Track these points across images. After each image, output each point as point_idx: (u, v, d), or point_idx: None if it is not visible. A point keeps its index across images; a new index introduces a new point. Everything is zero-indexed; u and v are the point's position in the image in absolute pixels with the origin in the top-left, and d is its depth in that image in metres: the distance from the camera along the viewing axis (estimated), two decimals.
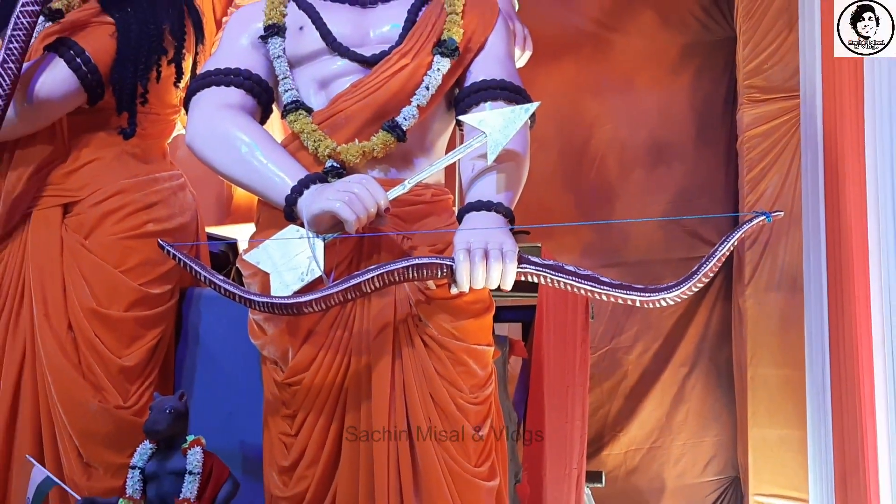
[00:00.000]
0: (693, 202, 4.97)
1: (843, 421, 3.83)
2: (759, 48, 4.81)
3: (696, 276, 2.15)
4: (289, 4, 2.64)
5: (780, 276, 4.65)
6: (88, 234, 2.67)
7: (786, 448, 4.52)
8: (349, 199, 2.23)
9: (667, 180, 5.06)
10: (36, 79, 2.60)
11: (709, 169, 5.05)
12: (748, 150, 4.81)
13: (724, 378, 4.94)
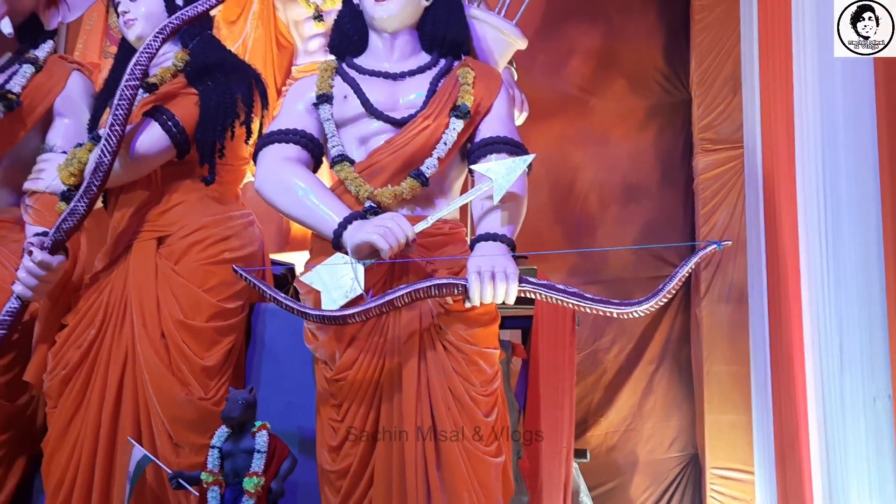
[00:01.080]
0: (658, 232, 4.97)
1: (781, 408, 3.81)
2: (709, 109, 4.82)
3: (661, 293, 2.16)
4: (335, 78, 2.65)
5: (730, 291, 4.64)
6: (177, 260, 2.66)
7: (735, 430, 4.49)
8: (384, 233, 2.26)
9: (637, 214, 5.06)
10: (136, 138, 2.60)
11: (671, 205, 5.05)
12: (702, 190, 4.81)
13: (684, 373, 4.92)
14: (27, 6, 2.79)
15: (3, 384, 2.64)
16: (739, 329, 4.53)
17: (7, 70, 2.76)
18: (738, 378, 4.50)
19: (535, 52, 4.51)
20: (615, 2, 5.26)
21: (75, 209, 2.51)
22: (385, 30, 2.65)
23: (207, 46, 2.84)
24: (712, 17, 4.88)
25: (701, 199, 4.80)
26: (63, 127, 2.82)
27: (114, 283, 2.66)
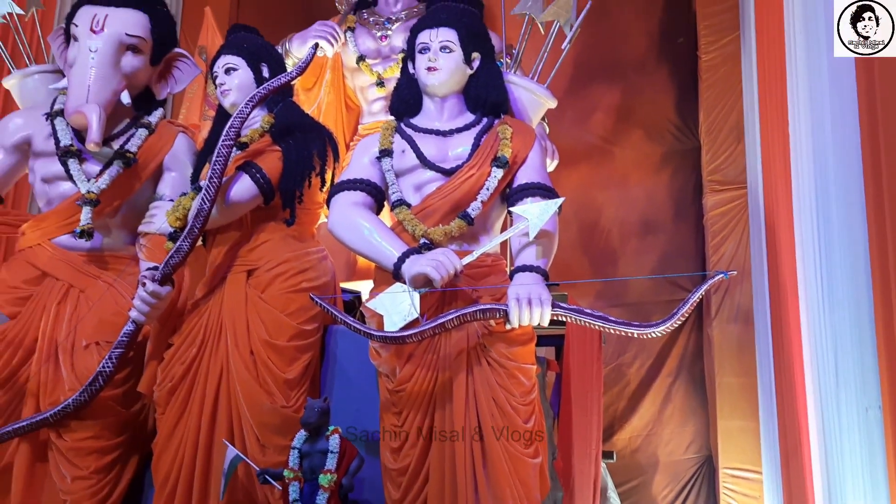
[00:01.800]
0: (673, 261, 4.90)
1: (784, 415, 3.72)
2: (716, 154, 4.76)
3: (676, 317, 2.15)
4: (395, 135, 2.68)
5: (737, 313, 4.54)
6: (264, 289, 2.67)
7: (744, 434, 4.38)
8: (436, 265, 2.28)
9: (654, 246, 5.00)
10: (231, 188, 2.64)
11: (683, 238, 4.97)
12: (711, 225, 4.74)
13: (698, 385, 4.81)
14: (142, 81, 2.84)
15: (121, 394, 2.66)
16: (746, 346, 4.44)
17: (126, 133, 2.81)
18: (746, 389, 4.40)
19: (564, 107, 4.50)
20: (632, 63, 5.24)
21: (180, 247, 2.55)
22: (436, 95, 2.68)
23: (289, 110, 2.88)
24: (717, 76, 4.83)
25: (710, 233, 4.73)
26: (171, 179, 2.85)
27: (211, 309, 2.68)
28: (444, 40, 2.64)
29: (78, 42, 2.70)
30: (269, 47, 3.01)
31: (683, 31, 5.10)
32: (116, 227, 2.82)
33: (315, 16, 4.23)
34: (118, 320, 2.61)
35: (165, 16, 2.89)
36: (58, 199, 2.76)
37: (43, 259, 2.72)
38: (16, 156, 2.81)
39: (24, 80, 3.08)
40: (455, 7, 2.75)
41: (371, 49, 3.96)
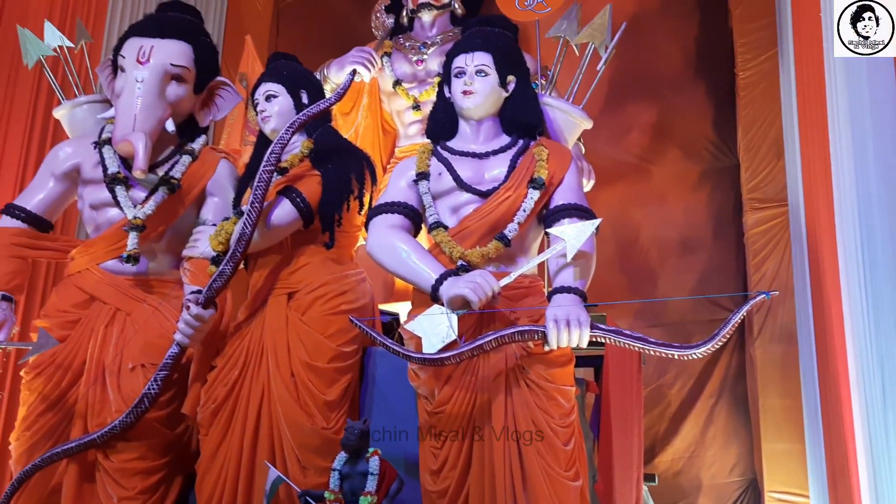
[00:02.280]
0: (713, 280, 4.82)
1: (831, 437, 3.63)
2: (756, 172, 4.70)
3: (717, 338, 2.12)
4: (431, 158, 2.71)
5: (780, 332, 4.45)
6: (304, 312, 2.70)
7: (790, 457, 4.27)
8: (474, 287, 2.29)
9: (693, 265, 4.93)
10: (272, 213, 2.67)
11: (724, 256, 4.89)
12: (752, 243, 4.66)
13: (741, 406, 4.71)
14: (186, 109, 2.91)
15: (165, 416, 2.70)
16: (790, 366, 4.34)
17: (171, 160, 2.87)
18: (790, 411, 4.30)
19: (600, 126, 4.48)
20: (668, 82, 5.21)
21: (223, 271, 2.60)
22: (472, 118, 2.71)
23: (327, 136, 2.92)
24: (755, 93, 4.78)
25: (751, 251, 4.65)
26: (213, 204, 2.89)
27: (253, 332, 2.71)
28: (480, 64, 2.67)
29: (125, 73, 2.78)
30: (308, 74, 3.07)
31: (719, 48, 5.06)
32: (161, 251, 2.87)
33: (352, 42, 4.30)
34: (163, 343, 2.66)
35: (208, 46, 2.96)
36: (105, 225, 2.83)
37: (91, 283, 2.78)
38: (65, 183, 2.89)
39: (73, 110, 3.17)
40: (490, 31, 2.78)
41: (407, 73, 4.01)
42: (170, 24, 2.87)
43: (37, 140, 3.92)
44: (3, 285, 2.71)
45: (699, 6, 5.21)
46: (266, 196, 2.62)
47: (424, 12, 4.08)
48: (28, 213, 2.84)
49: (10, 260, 2.76)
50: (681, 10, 5.23)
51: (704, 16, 5.19)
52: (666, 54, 5.19)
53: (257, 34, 5.51)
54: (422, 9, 4.06)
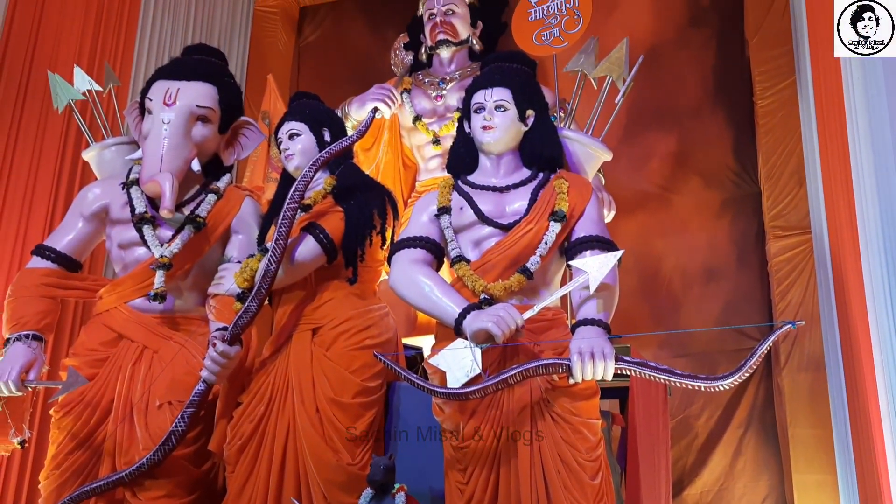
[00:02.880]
0: (738, 308, 4.76)
1: (863, 467, 3.56)
2: (778, 200, 4.66)
3: (744, 369, 2.11)
4: (452, 193, 2.73)
5: (808, 361, 4.37)
6: (328, 347, 2.71)
7: (822, 488, 4.17)
8: (497, 321, 2.28)
9: (717, 294, 4.87)
10: (296, 249, 2.70)
11: (748, 285, 4.83)
12: (776, 272, 4.61)
13: (770, 436, 4.62)
14: (212, 148, 2.97)
15: (192, 453, 2.71)
16: (819, 395, 4.26)
17: (196, 199, 2.93)
18: (821, 441, 4.22)
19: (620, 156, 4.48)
20: (686, 111, 5.22)
21: (248, 308, 2.62)
22: (492, 152, 2.73)
23: (349, 172, 2.96)
24: (775, 120, 4.77)
25: (775, 279, 4.60)
26: (238, 242, 2.93)
27: (278, 368, 2.73)
28: (499, 99, 2.70)
29: (152, 115, 2.85)
30: (330, 112, 3.12)
31: (738, 77, 5.07)
32: (188, 289, 2.90)
33: (372, 79, 4.37)
34: (190, 380, 2.68)
35: (233, 87, 3.03)
36: (133, 264, 2.87)
37: (119, 321, 2.82)
38: (94, 224, 2.95)
39: (101, 151, 3.23)
40: (508, 67, 2.81)
41: (427, 109, 4.07)
42: (195, 66, 2.94)
43: (65, 182, 4.01)
44: (33, 325, 2.75)
45: (716, 36, 5.24)
46: (290, 233, 2.65)
47: (443, 49, 4.14)
48: (58, 253, 2.89)
49: (40, 300, 2.80)
50: (698, 41, 5.26)
51: (721, 46, 5.21)
52: (684, 84, 5.21)
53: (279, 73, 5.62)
54: (440, 45, 4.13)
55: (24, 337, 2.72)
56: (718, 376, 2.14)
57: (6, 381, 2.61)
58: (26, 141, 3.98)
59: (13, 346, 2.70)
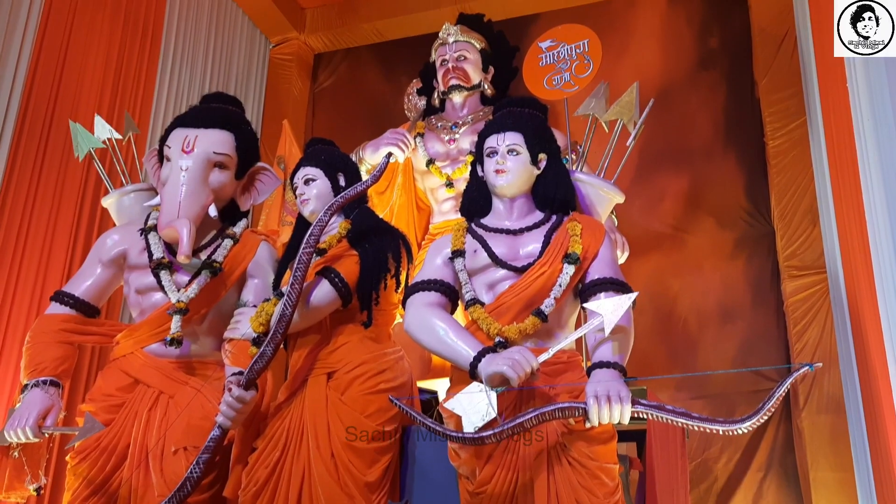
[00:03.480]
0: (754, 349, 4.73)
1: None
2: (792, 240, 4.66)
3: (761, 412, 2.08)
4: (466, 236, 2.74)
5: (827, 402, 4.31)
6: (343, 391, 2.70)
7: None
8: (512, 364, 2.27)
9: (733, 334, 4.84)
10: (311, 293, 2.71)
11: (764, 325, 4.80)
12: (792, 311, 4.57)
13: (791, 480, 4.54)
14: (228, 194, 3.00)
15: (208, 499, 2.69)
16: (840, 437, 4.20)
17: (213, 244, 2.95)
18: (843, 484, 4.13)
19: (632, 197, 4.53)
20: (698, 151, 5.25)
21: (264, 352, 2.61)
22: (505, 196, 2.75)
23: (364, 216, 2.98)
24: (787, 160, 4.79)
25: (792, 319, 4.57)
26: (254, 286, 2.94)
27: (293, 412, 2.72)
28: (511, 144, 2.73)
29: (171, 162, 2.88)
30: (345, 158, 3.16)
31: (748, 117, 5.11)
32: (203, 333, 2.92)
33: (385, 123, 4.44)
34: (205, 425, 2.67)
35: (249, 133, 3.07)
36: (150, 309, 2.89)
37: (136, 367, 2.83)
38: (112, 269, 2.97)
39: (120, 198, 3.28)
40: (520, 112, 2.85)
41: (440, 152, 4.11)
42: (212, 114, 2.99)
43: (84, 228, 4.07)
44: (51, 371, 2.77)
45: (725, 78, 5.29)
46: (306, 277, 2.66)
47: (455, 93, 4.20)
48: (76, 299, 2.91)
49: (58, 346, 2.82)
50: (707, 82, 5.32)
51: (731, 87, 5.26)
52: (695, 125, 5.25)
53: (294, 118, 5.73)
54: (452, 90, 4.18)
55: (42, 383, 2.73)
56: (737, 419, 2.11)
57: (23, 428, 2.62)
58: (47, 188, 4.05)
59: (31, 393, 2.71)
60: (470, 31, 4.29)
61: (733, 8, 5.36)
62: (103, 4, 4.59)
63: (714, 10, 5.44)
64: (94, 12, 4.50)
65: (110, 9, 4.63)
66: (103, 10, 4.57)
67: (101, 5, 4.57)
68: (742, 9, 5.32)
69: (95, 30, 4.50)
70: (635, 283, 2.58)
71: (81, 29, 4.39)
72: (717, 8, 5.43)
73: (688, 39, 5.45)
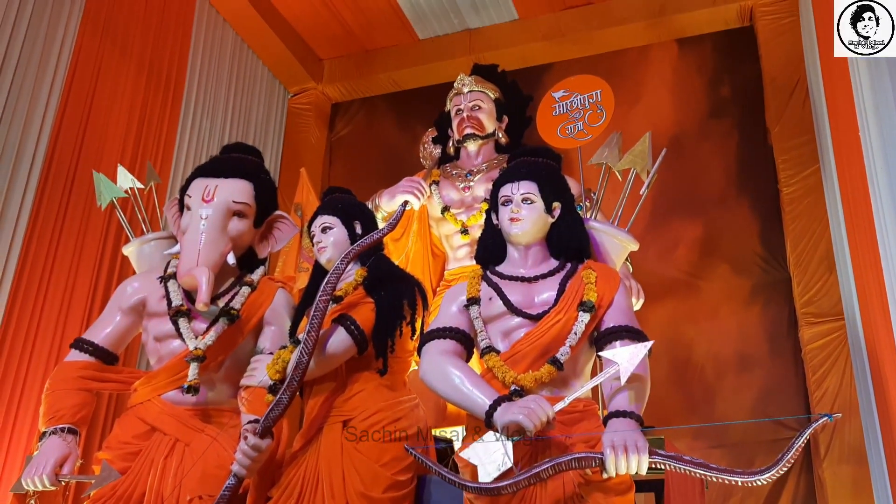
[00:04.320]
0: (773, 397, 4.67)
1: None
2: (808, 286, 4.63)
3: (781, 463, 2.05)
4: (482, 283, 2.75)
5: (849, 452, 4.23)
6: (359, 440, 2.68)
7: None
8: (528, 413, 2.25)
9: (751, 382, 4.79)
10: (327, 341, 2.71)
11: (782, 373, 4.75)
12: (811, 359, 4.52)
13: None
14: (246, 242, 3.03)
15: None
16: (862, 488, 4.10)
17: (231, 291, 2.98)
18: None
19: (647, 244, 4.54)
20: (712, 199, 5.27)
21: (280, 400, 2.61)
22: (520, 243, 2.76)
23: (380, 264, 2.99)
24: (801, 207, 4.80)
25: (810, 367, 4.52)
26: (270, 333, 2.96)
27: (308, 460, 2.70)
28: (526, 192, 2.75)
29: (191, 210, 2.93)
30: (362, 206, 3.19)
31: (761, 165, 5.13)
32: (220, 380, 2.92)
33: (401, 171, 4.48)
34: (221, 473, 2.66)
35: (268, 183, 3.11)
36: (168, 357, 2.90)
37: (152, 414, 2.83)
38: (132, 317, 3.00)
39: (141, 247, 3.32)
40: (535, 161, 2.88)
41: (455, 200, 4.14)
42: (232, 164, 3.04)
43: (104, 276, 4.12)
44: (69, 418, 2.78)
45: (737, 126, 5.34)
46: (322, 324, 2.67)
47: (470, 142, 4.24)
48: (95, 346, 2.94)
49: (77, 393, 2.84)
50: (720, 131, 5.37)
51: (743, 135, 5.31)
52: (708, 173, 5.28)
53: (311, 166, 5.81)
54: (467, 139, 4.23)
55: (60, 430, 2.74)
56: (756, 470, 2.08)
57: (41, 476, 2.62)
58: (69, 236, 4.12)
59: (48, 440, 2.72)
60: (484, 80, 4.36)
61: (744, 58, 5.43)
62: (128, 57, 4.72)
63: (725, 60, 5.51)
64: (119, 65, 4.64)
65: (135, 62, 4.76)
66: (128, 62, 4.71)
67: (127, 58, 4.70)
68: (753, 59, 5.38)
69: (120, 82, 4.63)
70: (651, 331, 2.57)
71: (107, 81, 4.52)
72: (728, 58, 5.51)
73: (699, 89, 5.51)
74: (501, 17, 5.95)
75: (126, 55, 4.69)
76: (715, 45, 5.58)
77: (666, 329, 4.84)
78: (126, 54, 4.69)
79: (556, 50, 5.87)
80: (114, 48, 4.59)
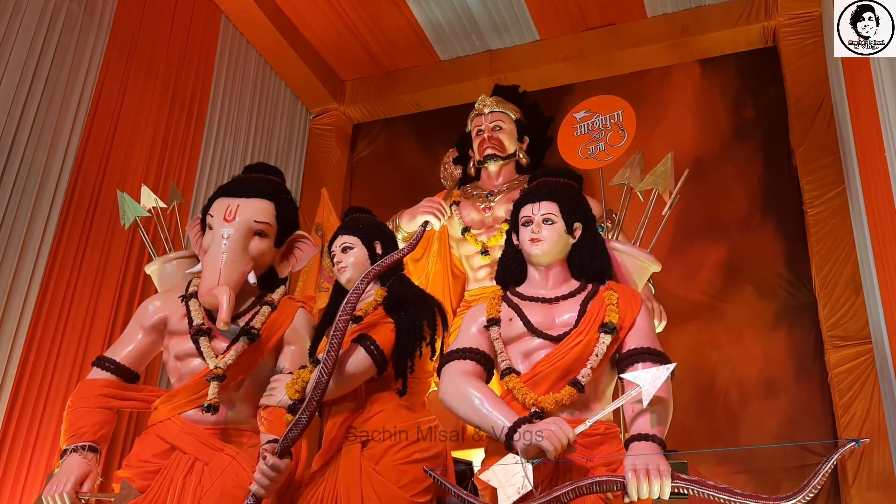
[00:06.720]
0: (799, 422, 4.59)
1: None
2: (834, 309, 4.56)
3: (807, 489, 2.03)
4: (502, 304, 2.75)
5: (877, 479, 4.15)
6: (377, 461, 2.68)
7: None
8: (548, 436, 2.24)
9: (777, 407, 4.71)
10: (346, 361, 2.72)
11: (808, 398, 4.67)
12: (837, 383, 4.44)
13: None
14: (267, 261, 3.06)
15: None
16: None
17: (251, 310, 3.00)
18: None
19: (669, 266, 4.50)
20: (735, 221, 5.24)
21: (299, 420, 2.60)
22: (540, 264, 2.77)
23: (400, 284, 3.00)
24: (827, 229, 4.75)
25: (837, 392, 4.44)
26: (290, 353, 2.97)
27: (327, 481, 2.70)
28: (547, 213, 2.76)
29: (213, 230, 2.97)
30: (382, 226, 3.21)
31: (786, 186, 5.09)
32: (240, 400, 2.93)
33: (422, 192, 4.52)
34: (239, 493, 2.65)
35: (289, 203, 3.15)
36: (188, 375, 2.92)
37: (172, 433, 2.84)
38: (153, 336, 3.03)
39: (163, 265, 3.36)
40: (555, 182, 2.89)
41: (475, 220, 4.16)
42: (254, 184, 3.08)
43: (127, 295, 4.17)
44: (90, 436, 2.80)
45: (761, 147, 5.31)
46: (342, 344, 2.67)
47: (490, 163, 4.27)
48: (117, 364, 2.97)
49: (98, 411, 2.86)
50: (743, 152, 5.34)
51: (767, 156, 5.28)
52: (731, 195, 5.25)
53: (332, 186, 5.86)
54: (488, 160, 4.26)
55: (81, 448, 2.77)
56: (782, 496, 2.06)
57: (61, 493, 2.64)
58: (93, 255, 4.18)
59: (69, 458, 2.74)
60: (505, 101, 4.39)
61: (768, 79, 5.42)
62: (153, 79, 4.81)
63: (748, 81, 5.50)
64: (144, 86, 4.73)
65: (160, 83, 4.85)
66: (153, 84, 4.79)
67: (151, 80, 4.79)
68: (776, 80, 5.37)
69: (145, 103, 4.72)
70: (673, 354, 2.55)
71: (132, 102, 4.61)
72: (752, 80, 5.49)
73: (722, 110, 5.50)
74: (523, 39, 6.00)
75: (151, 77, 4.78)
76: (738, 66, 5.57)
77: (689, 353, 4.79)
78: (151, 76, 4.78)
79: (577, 71, 5.89)
80: (139, 70, 4.68)
